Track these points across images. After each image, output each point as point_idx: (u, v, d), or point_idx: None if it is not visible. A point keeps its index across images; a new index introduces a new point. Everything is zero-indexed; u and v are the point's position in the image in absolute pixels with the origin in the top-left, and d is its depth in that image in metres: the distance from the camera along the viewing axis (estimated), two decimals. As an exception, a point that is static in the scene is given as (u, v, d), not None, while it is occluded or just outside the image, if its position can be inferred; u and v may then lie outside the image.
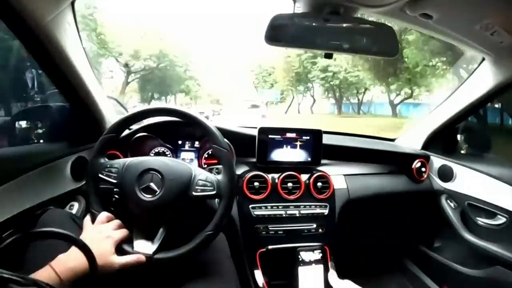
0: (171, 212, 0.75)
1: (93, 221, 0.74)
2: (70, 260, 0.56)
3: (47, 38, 0.80)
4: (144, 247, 0.72)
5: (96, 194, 0.78)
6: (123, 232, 0.72)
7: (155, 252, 0.71)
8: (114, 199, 0.88)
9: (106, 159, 0.79)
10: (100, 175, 0.76)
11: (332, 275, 0.85)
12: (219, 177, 0.77)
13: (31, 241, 0.68)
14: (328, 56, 0.85)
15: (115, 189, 0.84)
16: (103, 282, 0.66)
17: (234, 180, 0.77)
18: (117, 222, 0.75)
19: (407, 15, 0.85)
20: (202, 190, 0.74)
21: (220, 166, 0.81)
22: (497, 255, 1.13)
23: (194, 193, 0.74)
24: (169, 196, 0.72)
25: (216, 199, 1.00)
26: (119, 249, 0.70)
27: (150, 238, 0.74)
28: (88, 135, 1.07)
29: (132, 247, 0.72)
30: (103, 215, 0.74)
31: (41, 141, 1.09)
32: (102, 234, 0.69)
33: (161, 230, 0.74)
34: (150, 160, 0.77)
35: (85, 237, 0.69)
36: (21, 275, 0.40)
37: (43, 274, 0.56)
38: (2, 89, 1.08)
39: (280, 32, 0.80)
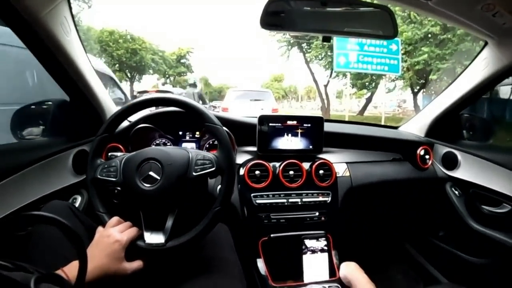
0: (175, 198, 0.75)
1: (103, 224, 0.75)
2: None
3: (45, 32, 0.81)
4: (155, 238, 0.72)
5: (99, 196, 0.78)
6: (131, 232, 0.72)
7: (167, 240, 0.72)
8: (117, 195, 0.88)
9: (102, 160, 0.80)
10: (99, 177, 0.76)
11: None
12: (216, 153, 0.77)
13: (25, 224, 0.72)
14: (327, 39, 0.84)
15: (117, 187, 0.84)
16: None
17: (231, 154, 0.77)
18: (126, 224, 0.75)
19: (405, -4, 0.84)
20: (202, 169, 0.75)
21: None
22: (502, 243, 1.12)
23: (194, 173, 0.74)
24: (170, 181, 0.72)
25: (218, 187, 1.00)
26: (133, 247, 0.71)
27: (160, 228, 0.74)
28: (89, 128, 1.08)
29: (144, 241, 0.72)
30: (114, 219, 0.74)
31: (43, 135, 1.09)
32: (110, 238, 0.69)
33: (169, 218, 0.75)
34: (146, 151, 0.77)
35: (95, 242, 0.69)
36: (9, 260, 0.40)
37: None
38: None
39: (276, 17, 0.79)
